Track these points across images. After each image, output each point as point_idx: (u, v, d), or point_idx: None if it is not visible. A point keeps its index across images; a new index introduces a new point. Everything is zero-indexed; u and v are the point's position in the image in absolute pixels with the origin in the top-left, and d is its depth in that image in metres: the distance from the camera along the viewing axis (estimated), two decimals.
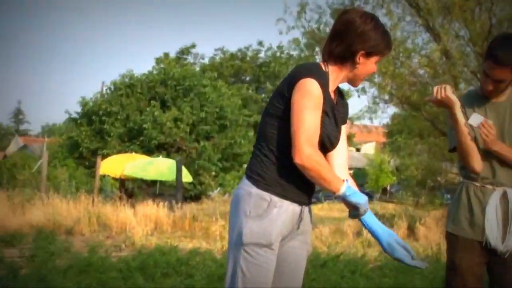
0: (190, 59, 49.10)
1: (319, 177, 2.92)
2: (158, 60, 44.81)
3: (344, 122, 3.28)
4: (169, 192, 26.15)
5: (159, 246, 10.60)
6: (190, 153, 35.47)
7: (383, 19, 17.73)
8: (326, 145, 3.09)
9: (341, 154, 3.28)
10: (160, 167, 21.46)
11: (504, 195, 3.91)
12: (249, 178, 3.06)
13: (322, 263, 9.23)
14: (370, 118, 20.56)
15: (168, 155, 32.18)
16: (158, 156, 27.67)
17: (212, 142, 35.57)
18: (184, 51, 48.79)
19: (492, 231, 3.87)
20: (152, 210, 15.22)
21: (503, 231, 3.88)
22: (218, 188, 30.01)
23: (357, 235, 14.87)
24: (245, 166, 39.53)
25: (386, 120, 45.70)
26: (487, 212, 3.88)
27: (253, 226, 2.96)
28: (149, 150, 33.67)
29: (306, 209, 3.15)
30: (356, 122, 24.13)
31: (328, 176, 2.94)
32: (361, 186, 39.18)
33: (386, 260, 10.03)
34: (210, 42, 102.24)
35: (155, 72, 39.06)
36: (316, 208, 28.36)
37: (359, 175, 43.87)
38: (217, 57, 49.63)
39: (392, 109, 46.28)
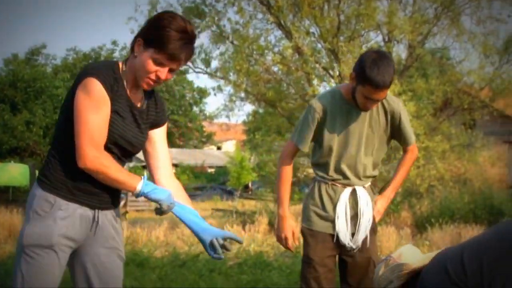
0: (41, 60, 47.67)
1: (109, 178, 2.88)
2: (7, 62, 43.29)
3: (157, 124, 3.18)
4: (24, 198, 25.35)
5: (13, 254, 10.28)
6: (44, 157, 34.57)
7: (235, 17, 18.02)
8: (124, 146, 3.01)
9: (161, 156, 3.20)
10: (12, 173, 20.83)
11: (353, 193, 4.17)
12: (38, 180, 2.97)
13: (181, 263, 9.27)
14: (228, 116, 20.79)
15: (21, 160, 31.24)
16: (10, 161, 26.79)
17: None
18: (34, 52, 47.31)
19: (342, 228, 4.12)
20: (5, 217, 14.74)
21: (353, 227, 4.14)
22: None
23: None
24: None
25: (243, 117, 46.36)
26: (337, 209, 4.13)
27: (34, 228, 2.88)
28: (0, 155, 32.56)
29: (104, 213, 3.06)
30: (216, 120, 24.31)
31: (118, 176, 2.90)
32: (223, 184, 39.55)
33: (246, 257, 10.24)
34: (61, 42, 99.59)
35: (3, 74, 37.78)
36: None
37: (220, 173, 44.25)
38: (70, 58, 48.52)
39: (249, 107, 46.92)
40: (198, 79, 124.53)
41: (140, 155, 3.24)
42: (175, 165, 44.93)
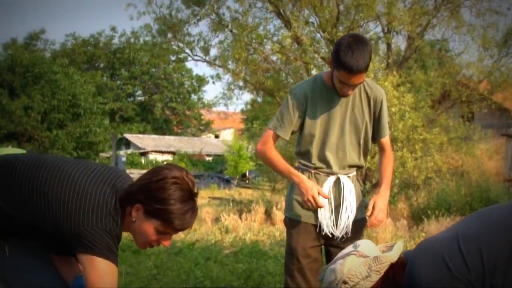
0: (39, 45, 47.73)
1: None
2: (5, 46, 43.31)
3: None
4: None
5: None
6: (42, 142, 34.59)
7: (234, 6, 17.96)
8: None
9: None
10: None
11: (337, 182, 4.09)
12: None
13: (177, 251, 9.33)
14: (226, 105, 20.84)
15: (19, 145, 31.25)
16: (7, 146, 26.78)
17: (66, 130, 34.84)
18: (33, 37, 47.31)
19: (325, 217, 4.04)
20: None
21: (336, 216, 4.05)
22: None
23: (215, 221, 15.05)
24: (101, 154, 38.82)
25: (242, 106, 46.21)
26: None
27: None
28: None
29: None
30: (214, 109, 24.32)
31: None
32: (220, 172, 39.56)
33: (242, 245, 10.29)
34: (60, 27, 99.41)
35: (2, 58, 37.81)
36: None
37: (218, 162, 44.25)
38: (69, 43, 48.52)
39: (247, 96, 46.79)
40: (197, 67, 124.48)
41: (138, 142, 3.06)
42: (172, 153, 44.96)
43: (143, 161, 42.64)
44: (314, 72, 16.18)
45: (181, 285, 6.77)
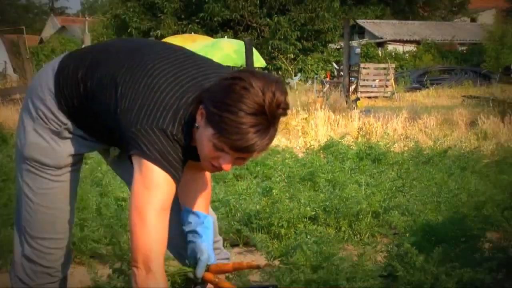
0: None
1: None
2: None
3: None
4: None
5: None
6: (261, 31, 35.53)
7: None
8: None
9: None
10: (226, 50, 21.41)
11: None
12: None
13: (425, 160, 9.47)
14: None
15: (235, 35, 32.36)
16: (222, 36, 27.88)
17: (288, 16, 35.42)
18: None
19: None
20: None
21: None
22: (298, 74, 30.06)
23: (470, 125, 14.89)
24: (330, 46, 39.17)
25: None
26: None
27: None
28: (212, 30, 33.90)
29: None
30: None
31: None
32: (476, 65, 38.69)
33: (505, 154, 10.22)
34: None
35: None
36: (421, 95, 28.31)
37: (474, 52, 43.24)
38: None
39: None
40: None
41: (374, 29, 3.12)
42: (416, 42, 44.52)
43: (380, 53, 42.62)
44: None
45: (431, 198, 6.90)
